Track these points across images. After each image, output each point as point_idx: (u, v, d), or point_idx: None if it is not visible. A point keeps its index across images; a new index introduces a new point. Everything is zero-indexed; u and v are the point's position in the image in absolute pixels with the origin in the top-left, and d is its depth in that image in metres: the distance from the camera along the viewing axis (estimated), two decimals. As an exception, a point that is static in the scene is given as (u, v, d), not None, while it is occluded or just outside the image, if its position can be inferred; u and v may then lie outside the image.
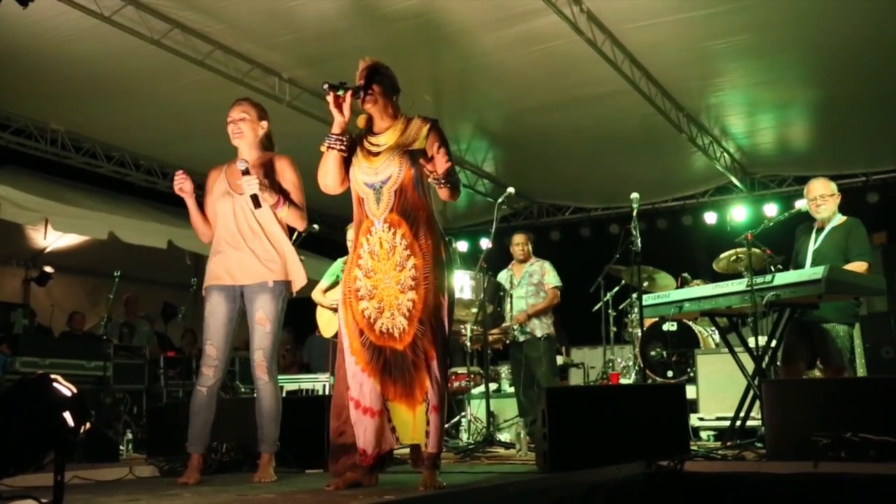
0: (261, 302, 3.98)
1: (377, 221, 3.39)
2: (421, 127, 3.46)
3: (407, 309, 3.31)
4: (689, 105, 8.58)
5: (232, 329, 4.07)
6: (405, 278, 3.33)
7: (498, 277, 7.10)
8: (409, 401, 3.32)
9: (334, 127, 3.44)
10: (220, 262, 4.05)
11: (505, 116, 9.08)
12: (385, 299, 3.35)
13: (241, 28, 6.83)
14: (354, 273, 3.44)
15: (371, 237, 3.40)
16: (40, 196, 7.84)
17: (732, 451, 4.29)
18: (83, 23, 6.39)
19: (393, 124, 3.49)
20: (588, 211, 12.11)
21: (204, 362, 4.05)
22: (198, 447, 4.02)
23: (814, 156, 9.87)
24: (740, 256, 6.24)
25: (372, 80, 3.43)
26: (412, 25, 6.71)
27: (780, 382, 4.72)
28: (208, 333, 4.04)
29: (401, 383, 3.33)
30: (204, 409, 4.02)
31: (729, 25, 6.87)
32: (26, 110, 8.36)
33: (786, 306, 4.95)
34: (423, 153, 3.39)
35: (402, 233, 3.35)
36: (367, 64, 3.48)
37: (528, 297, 6.96)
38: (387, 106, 3.47)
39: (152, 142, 9.17)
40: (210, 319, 4.03)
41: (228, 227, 4.04)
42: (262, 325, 3.98)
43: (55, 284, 10.06)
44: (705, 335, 7.71)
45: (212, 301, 4.03)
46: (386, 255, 3.36)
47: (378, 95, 3.44)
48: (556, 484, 3.48)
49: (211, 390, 4.03)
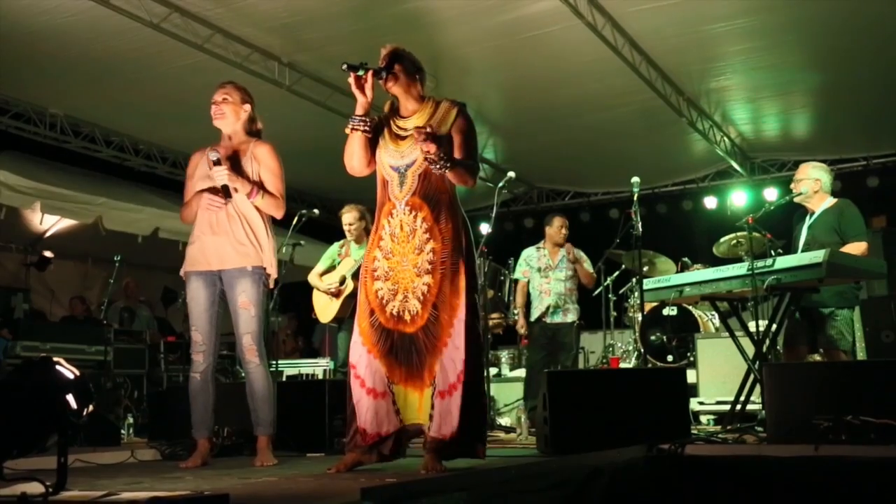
0: (242, 286, 3.98)
1: (399, 204, 3.38)
2: (449, 110, 3.45)
3: (422, 293, 3.31)
4: (689, 89, 8.55)
5: (215, 312, 4.08)
6: (422, 262, 3.32)
7: (523, 253, 7.14)
8: (418, 383, 3.32)
9: (357, 108, 3.44)
10: (198, 248, 4.05)
11: (504, 101, 9.05)
12: (400, 282, 3.35)
13: (241, 12, 6.79)
14: (374, 253, 3.44)
15: (392, 219, 3.39)
16: (35, 180, 7.82)
17: (733, 435, 4.31)
18: (82, 6, 6.35)
19: (420, 107, 3.47)
20: (588, 196, 12.09)
21: (192, 349, 4.09)
22: (202, 432, 4.05)
23: (814, 140, 9.86)
24: (741, 241, 6.24)
25: (393, 61, 3.43)
26: (411, 10, 6.67)
27: (781, 366, 4.73)
28: (192, 319, 4.07)
29: (406, 367, 3.32)
30: (201, 393, 4.05)
31: (729, 9, 6.84)
32: (25, 94, 8.33)
33: (786, 290, 4.95)
34: (449, 137, 3.38)
35: (423, 216, 3.35)
36: (388, 50, 3.47)
37: (566, 280, 7.07)
38: (410, 87, 3.46)
39: (151, 126, 9.14)
40: (192, 305, 4.07)
41: (205, 212, 4.03)
42: (247, 308, 3.98)
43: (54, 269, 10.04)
44: (705, 319, 7.72)
45: (191, 287, 4.06)
46: (406, 238, 3.36)
47: (401, 74, 3.43)
48: (557, 467, 3.49)
49: (204, 375, 4.05)
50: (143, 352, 8.26)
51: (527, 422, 5.14)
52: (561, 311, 6.98)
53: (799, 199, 5.35)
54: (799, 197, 5.33)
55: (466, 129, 3.44)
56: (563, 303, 6.98)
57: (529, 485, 3.20)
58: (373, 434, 3.34)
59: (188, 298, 4.08)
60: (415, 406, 3.35)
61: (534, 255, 7.17)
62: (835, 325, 5.07)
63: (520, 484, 3.16)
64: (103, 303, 8.34)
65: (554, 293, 6.98)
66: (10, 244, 9.98)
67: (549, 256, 7.15)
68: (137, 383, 8.10)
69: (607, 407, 3.99)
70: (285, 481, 3.18)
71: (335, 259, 6.48)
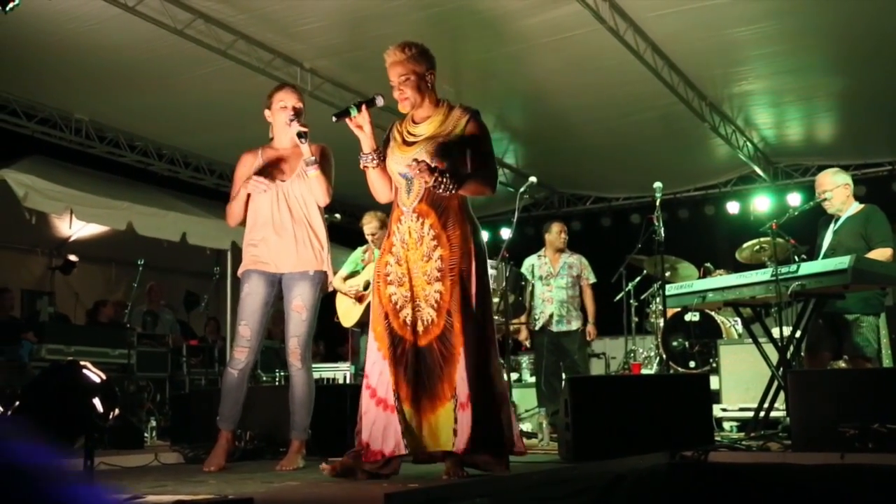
0: (299, 289, 4.00)
1: (406, 210, 3.35)
2: (461, 117, 3.39)
3: (435, 300, 3.25)
4: (711, 94, 8.51)
5: (267, 312, 4.09)
6: (431, 269, 3.27)
7: (525, 262, 7.14)
8: (436, 401, 3.21)
9: (363, 146, 3.40)
10: (263, 248, 4.05)
11: (526, 106, 9.05)
12: (415, 289, 3.30)
13: (263, 18, 6.84)
14: (386, 258, 3.40)
15: (401, 226, 3.36)
16: (65, 186, 7.90)
17: (757, 442, 4.27)
18: (107, 12, 6.42)
19: (433, 113, 3.42)
20: (609, 200, 12.05)
21: (237, 343, 4.05)
22: (228, 423, 4.04)
23: (838, 145, 9.77)
24: (764, 246, 6.20)
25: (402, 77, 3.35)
26: (433, 15, 6.69)
27: (806, 373, 4.69)
28: (244, 314, 4.03)
29: (414, 384, 3.22)
30: (234, 389, 4.04)
31: (752, 13, 6.80)
32: (51, 100, 8.42)
33: (811, 296, 4.90)
34: (458, 144, 3.33)
35: (431, 223, 3.29)
36: (392, 60, 3.37)
37: (567, 288, 7.08)
38: (418, 99, 3.37)
39: (175, 131, 9.22)
40: (247, 300, 4.03)
41: (269, 213, 4.03)
42: (299, 312, 4.00)
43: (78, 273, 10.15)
44: (728, 325, 7.66)
45: (251, 283, 4.04)
46: (415, 245, 3.31)
47: (406, 89, 3.35)
48: (579, 474, 3.47)
49: (242, 373, 4.04)
50: (165, 355, 8.33)
51: (548, 427, 5.13)
52: (565, 320, 7.01)
53: (828, 207, 5.31)
54: (828, 203, 5.29)
55: (479, 137, 3.37)
56: (565, 311, 7.01)
57: (551, 491, 3.19)
58: (376, 451, 3.23)
59: (244, 294, 4.04)
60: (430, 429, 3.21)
61: (535, 263, 7.17)
62: (860, 331, 5.03)
63: (542, 490, 3.16)
64: (127, 306, 8.41)
65: (556, 301, 6.99)
66: (36, 248, 10.10)
67: (550, 264, 7.16)
68: (160, 387, 8.17)
69: (630, 413, 3.96)
70: (308, 486, 3.19)
71: (358, 264, 6.52)
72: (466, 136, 3.35)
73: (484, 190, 3.33)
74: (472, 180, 3.29)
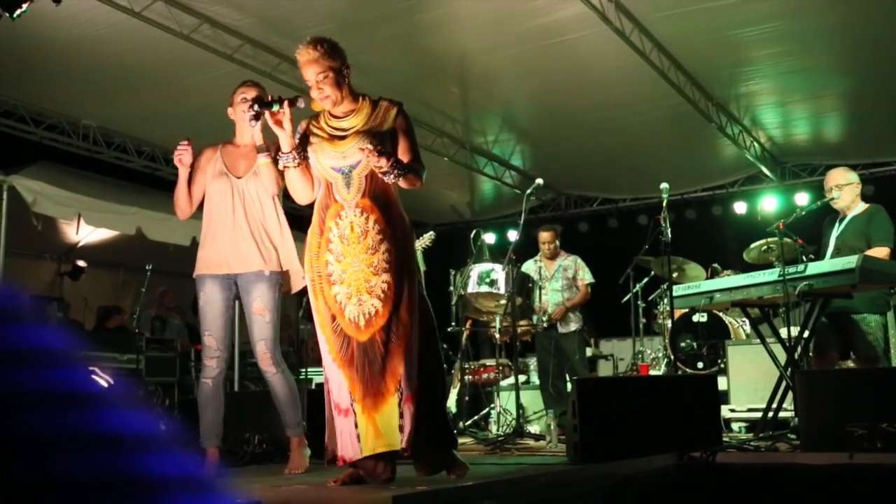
0: (257, 291, 3.88)
1: (347, 206, 3.23)
2: (388, 110, 3.33)
3: (382, 290, 3.16)
4: (718, 94, 8.50)
5: (230, 318, 4.00)
6: (378, 261, 3.18)
7: (523, 267, 7.12)
8: (376, 398, 3.12)
9: (282, 145, 3.29)
10: (214, 250, 3.95)
11: (532, 108, 9.05)
12: (353, 284, 3.18)
13: (269, 21, 6.86)
14: (325, 258, 3.24)
15: (341, 221, 3.22)
16: (73, 191, 7.93)
17: (765, 443, 4.26)
18: (113, 18, 6.45)
19: (356, 106, 3.32)
20: (616, 202, 12.02)
21: (205, 354, 3.99)
22: (211, 441, 3.98)
23: (846, 144, 9.74)
24: (771, 246, 6.18)
25: (324, 73, 3.22)
26: (438, 17, 6.70)
27: (814, 373, 4.68)
28: (206, 324, 3.96)
29: (361, 380, 3.15)
30: (212, 400, 3.97)
31: (759, 13, 6.79)
32: (59, 106, 8.47)
33: (819, 296, 4.89)
34: (390, 136, 3.28)
35: (375, 218, 3.21)
36: (305, 59, 3.24)
37: (563, 290, 7.05)
38: (340, 95, 3.26)
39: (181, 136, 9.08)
40: (206, 309, 3.95)
41: (223, 212, 3.94)
42: (261, 314, 3.89)
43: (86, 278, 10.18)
44: (736, 326, 7.64)
45: (206, 290, 3.96)
46: (357, 239, 3.19)
47: (327, 87, 3.22)
48: (587, 475, 3.47)
49: (216, 381, 3.97)
50: (174, 360, 8.34)
51: (556, 429, 5.13)
52: (562, 323, 6.97)
53: (836, 205, 5.30)
54: (835, 201, 5.28)
55: (409, 130, 3.34)
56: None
57: (559, 493, 3.19)
58: (339, 458, 3.19)
59: (202, 302, 3.97)
60: (376, 429, 3.13)
61: (532, 267, 7.14)
62: (867, 330, 5.01)
63: (550, 492, 3.16)
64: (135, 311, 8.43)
65: (551, 304, 6.96)
66: (44, 254, 10.14)
67: (545, 268, 7.15)
68: (169, 391, 8.18)
69: (638, 414, 3.96)
70: (316, 489, 3.20)
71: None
72: (397, 129, 3.32)
73: (416, 182, 3.29)
74: (411, 171, 3.25)
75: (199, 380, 4.05)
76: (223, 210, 3.95)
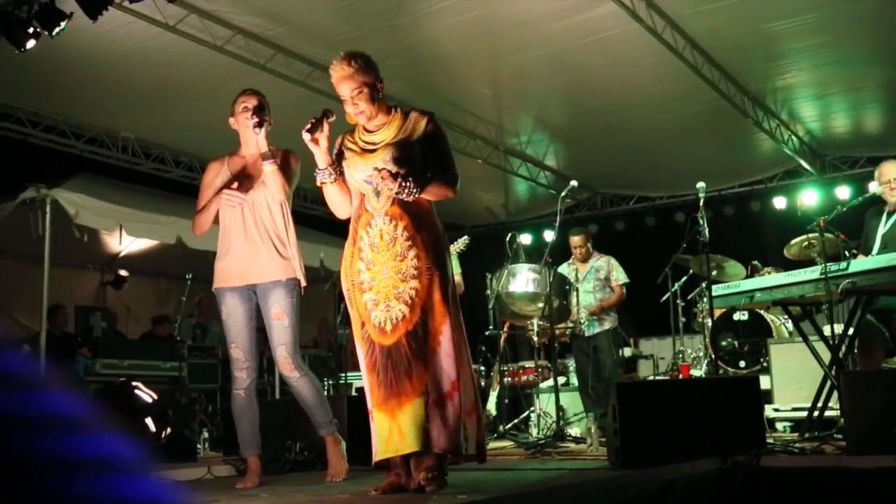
0: (275, 297, 3.92)
1: (378, 214, 3.26)
2: (418, 121, 3.34)
3: (409, 297, 3.18)
4: (753, 88, 8.39)
5: (253, 327, 4.04)
6: (407, 267, 3.20)
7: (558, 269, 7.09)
8: (400, 399, 3.11)
9: (319, 162, 3.32)
10: (230, 262, 3.98)
11: (565, 108, 9.01)
12: (381, 290, 3.21)
13: (302, 30, 6.92)
14: (357, 266, 3.29)
15: (371, 230, 3.27)
16: (114, 203, 8.06)
17: (811, 444, 4.19)
18: (148, 32, 6.55)
19: (387, 120, 3.35)
20: (653, 200, 11.92)
21: (234, 366, 4.03)
22: (251, 449, 4.02)
23: (888, 135, 9.55)
24: (812, 242, 6.07)
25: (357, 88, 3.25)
26: (470, 19, 6.70)
27: (860, 373, 4.59)
28: (231, 337, 4.00)
29: (383, 385, 3.16)
30: (246, 410, 4.03)
31: (791, 6, 6.71)
32: (98, 119, 8.62)
33: (862, 294, 4.80)
34: (420, 147, 3.29)
35: (405, 225, 3.23)
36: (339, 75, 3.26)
37: (595, 291, 7.02)
38: (373, 109, 3.29)
39: (218, 145, 9.24)
40: (229, 322, 4.00)
41: (235, 223, 3.98)
42: (280, 319, 3.92)
43: (129, 287, 10.34)
44: (778, 324, 7.53)
45: (227, 304, 4.00)
46: (386, 247, 3.23)
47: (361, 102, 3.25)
48: (629, 481, 3.44)
49: (248, 392, 4.02)
50: (215, 367, 8.44)
51: (597, 432, 5.09)
52: (596, 322, 6.95)
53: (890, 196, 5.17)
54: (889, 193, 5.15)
55: (438, 137, 3.35)
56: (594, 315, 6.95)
57: (601, 500, 3.17)
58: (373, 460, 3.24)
59: (224, 315, 4.01)
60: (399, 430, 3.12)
61: (565, 270, 7.12)
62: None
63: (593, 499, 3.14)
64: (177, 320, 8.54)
65: (583, 305, 6.93)
66: (87, 264, 10.31)
67: (578, 271, 7.13)
68: (211, 398, 8.28)
69: (679, 418, 3.91)
70: (358, 498, 3.21)
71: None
72: (426, 138, 3.31)
73: (447, 192, 3.29)
74: (435, 184, 3.25)
75: (232, 391, 4.10)
76: (235, 222, 4.00)
